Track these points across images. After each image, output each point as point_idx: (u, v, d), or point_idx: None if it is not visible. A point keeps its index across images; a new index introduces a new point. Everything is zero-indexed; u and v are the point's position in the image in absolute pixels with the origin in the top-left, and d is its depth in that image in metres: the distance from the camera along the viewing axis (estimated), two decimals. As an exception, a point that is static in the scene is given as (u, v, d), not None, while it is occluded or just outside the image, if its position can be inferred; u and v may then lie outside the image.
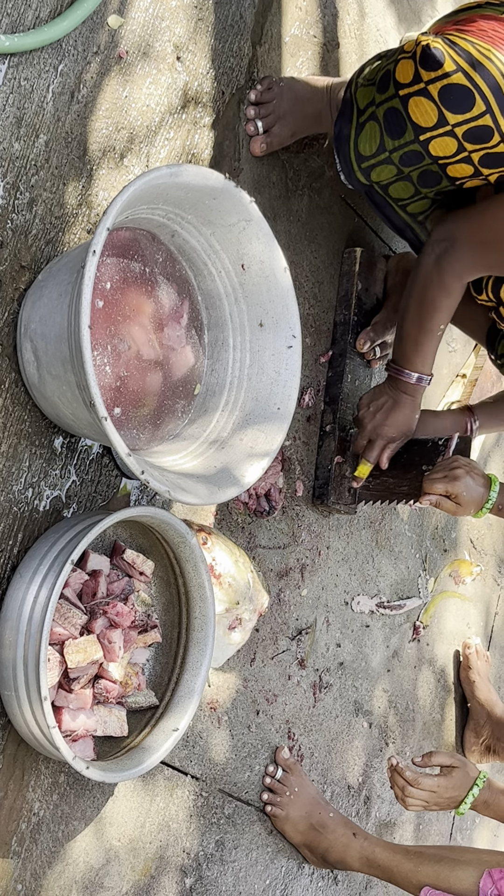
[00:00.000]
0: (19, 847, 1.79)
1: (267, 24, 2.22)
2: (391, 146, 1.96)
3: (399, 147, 1.95)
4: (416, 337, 2.12)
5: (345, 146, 2.05)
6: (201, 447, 1.92)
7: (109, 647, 1.79)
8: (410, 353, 2.14)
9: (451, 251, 2.03)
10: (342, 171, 2.09)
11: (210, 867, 2.14)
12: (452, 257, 2.03)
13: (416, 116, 1.88)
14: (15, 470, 1.78)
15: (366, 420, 2.26)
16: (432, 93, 1.84)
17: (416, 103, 1.87)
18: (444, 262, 2.04)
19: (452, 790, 2.20)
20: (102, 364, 1.78)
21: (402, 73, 1.88)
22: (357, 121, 2.01)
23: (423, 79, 1.85)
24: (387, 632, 2.63)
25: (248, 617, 2.06)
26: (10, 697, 1.70)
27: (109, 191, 1.90)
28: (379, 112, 1.95)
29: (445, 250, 2.04)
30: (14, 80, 1.74)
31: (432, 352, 2.14)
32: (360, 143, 2.01)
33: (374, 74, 1.98)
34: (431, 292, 2.07)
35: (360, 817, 2.55)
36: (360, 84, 2.02)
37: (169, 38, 1.99)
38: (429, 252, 2.06)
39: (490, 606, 3.06)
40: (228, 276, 1.93)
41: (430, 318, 2.09)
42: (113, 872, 1.94)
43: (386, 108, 1.93)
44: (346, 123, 2.03)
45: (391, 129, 1.94)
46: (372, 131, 1.98)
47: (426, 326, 2.10)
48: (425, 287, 2.07)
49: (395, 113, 1.92)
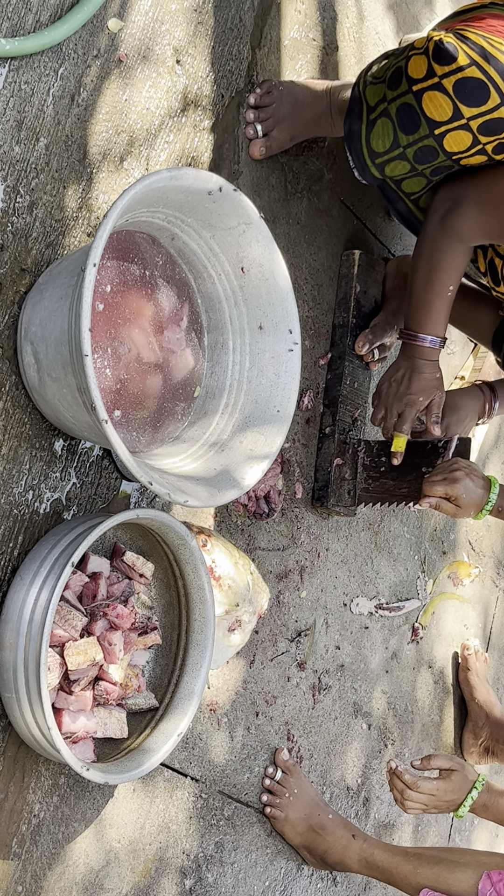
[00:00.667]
0: (20, 849, 1.79)
1: (266, 27, 2.22)
2: (405, 142, 1.96)
3: (413, 143, 1.95)
4: (425, 298, 2.10)
5: (356, 143, 2.04)
6: (201, 449, 1.92)
7: (109, 649, 1.79)
8: (422, 315, 2.11)
9: (455, 210, 2.02)
10: (355, 167, 2.08)
11: (210, 868, 2.15)
12: (457, 216, 2.02)
13: (430, 111, 1.89)
14: (15, 472, 1.78)
15: (389, 395, 2.22)
16: (447, 87, 1.85)
17: (431, 98, 1.87)
18: (448, 220, 2.02)
19: (451, 793, 2.20)
20: (103, 367, 1.78)
21: (414, 68, 1.88)
22: (367, 118, 2.01)
23: (436, 73, 1.85)
24: (386, 633, 2.63)
25: (247, 619, 2.06)
26: (10, 699, 1.70)
27: (109, 194, 1.91)
28: (391, 108, 1.95)
29: (450, 209, 2.02)
30: (14, 84, 1.75)
31: (444, 314, 2.12)
32: (372, 139, 2.01)
33: (383, 72, 1.98)
34: (437, 252, 2.05)
35: (360, 819, 2.55)
36: (369, 82, 2.01)
37: (169, 41, 2.00)
38: (434, 211, 2.05)
39: (489, 608, 3.07)
40: (228, 278, 1.94)
41: (437, 279, 2.07)
42: (113, 874, 1.95)
43: (399, 104, 1.93)
44: (356, 121, 2.03)
45: (404, 124, 1.94)
46: (384, 128, 1.98)
47: (434, 287, 2.07)
48: (431, 246, 2.05)
49: (408, 108, 1.92)
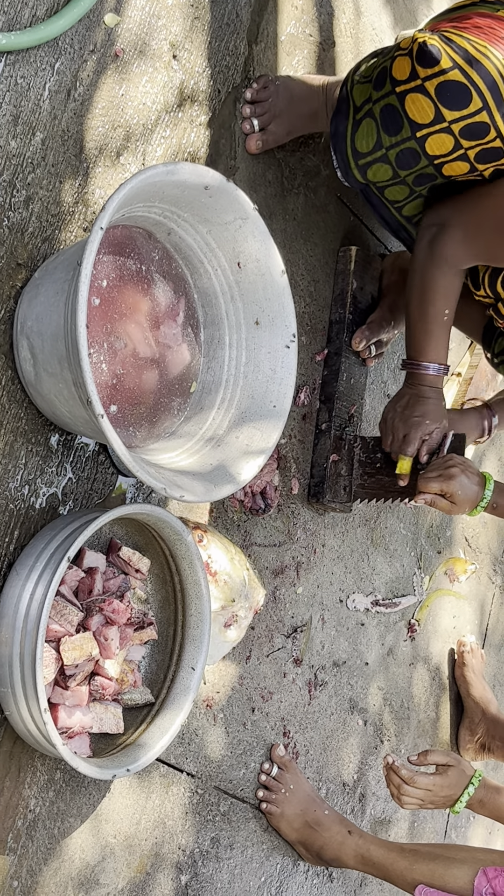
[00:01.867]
0: (15, 844, 1.79)
1: (263, 22, 2.22)
2: (388, 143, 1.96)
3: (395, 144, 1.95)
4: (422, 326, 2.11)
5: (341, 143, 2.05)
6: (197, 445, 1.92)
7: (105, 644, 1.79)
8: (422, 343, 2.13)
9: (441, 234, 2.03)
10: (339, 168, 2.09)
11: (205, 864, 2.15)
12: (443, 241, 2.03)
13: (412, 113, 1.89)
14: (11, 467, 1.78)
15: (396, 420, 2.25)
16: (429, 90, 1.85)
17: (413, 100, 1.87)
18: (436, 244, 2.04)
19: (448, 789, 2.20)
20: (99, 362, 1.78)
21: (398, 69, 1.89)
22: (353, 118, 2.01)
23: (419, 76, 1.85)
24: (382, 630, 2.63)
25: (243, 614, 2.06)
26: (6, 694, 1.70)
27: (106, 189, 1.90)
28: (376, 109, 1.95)
29: (437, 234, 2.04)
30: (11, 78, 1.75)
31: (444, 340, 2.13)
32: (356, 140, 2.02)
33: (370, 72, 1.99)
34: (427, 277, 2.06)
35: (355, 815, 2.55)
36: (356, 81, 2.02)
37: (165, 36, 2.00)
38: (421, 237, 2.07)
39: (485, 604, 3.07)
40: (224, 274, 1.94)
41: (431, 305, 2.08)
42: (109, 869, 1.95)
43: (383, 104, 1.93)
44: (343, 120, 2.03)
45: (388, 125, 1.94)
46: (369, 128, 1.98)
47: (429, 314, 2.09)
48: (421, 272, 2.07)
49: (391, 110, 1.92)
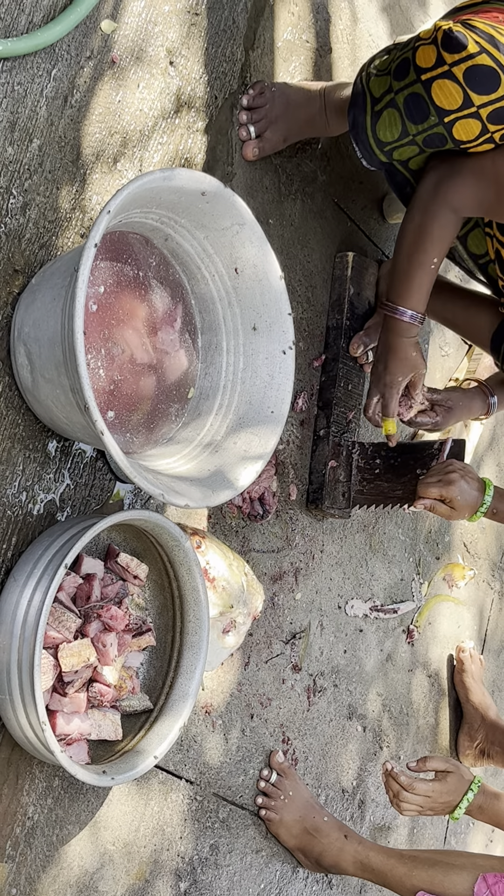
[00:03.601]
0: (14, 851, 1.79)
1: (260, 29, 2.22)
2: (414, 130, 1.95)
3: (422, 131, 1.94)
4: (407, 270, 2.07)
5: (362, 134, 2.03)
6: (195, 450, 1.92)
7: (103, 650, 1.79)
8: (402, 287, 2.09)
9: (452, 177, 2.00)
10: (362, 157, 2.07)
11: (204, 871, 2.14)
12: (452, 184, 2.00)
13: (439, 100, 1.88)
14: (9, 474, 1.78)
15: (373, 377, 2.23)
16: (457, 75, 1.84)
17: (440, 86, 1.87)
18: (443, 186, 2.00)
19: (447, 795, 2.20)
20: (96, 367, 1.78)
21: (423, 58, 1.88)
22: (372, 109, 2.00)
23: (446, 62, 1.85)
24: (380, 635, 2.63)
25: (242, 620, 2.06)
26: (4, 701, 1.70)
27: (103, 195, 1.90)
28: (398, 98, 1.94)
29: (446, 175, 2.00)
30: (7, 85, 1.75)
31: (426, 288, 2.09)
32: (378, 130, 2.00)
33: (387, 64, 1.98)
34: (427, 218, 2.03)
35: (355, 821, 2.55)
36: (372, 74, 2.00)
37: (162, 42, 2.00)
38: (429, 177, 2.03)
39: (483, 610, 3.07)
40: (222, 279, 1.94)
41: (423, 249, 2.04)
42: (107, 876, 1.94)
43: (406, 94, 1.92)
44: (361, 112, 2.02)
45: (413, 114, 1.93)
46: (391, 118, 1.97)
47: (419, 258, 2.05)
48: (420, 213, 2.03)
49: (416, 98, 1.91)
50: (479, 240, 2.19)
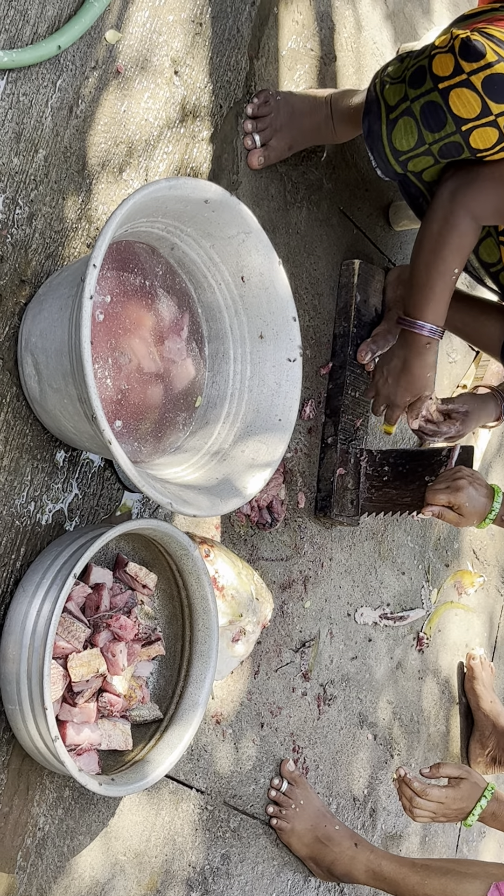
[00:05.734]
0: (25, 862, 1.79)
1: (264, 37, 2.23)
2: (430, 139, 1.95)
3: (438, 140, 1.94)
4: (427, 282, 2.05)
5: (378, 144, 2.02)
6: (203, 459, 1.92)
7: (113, 660, 1.79)
8: (420, 300, 2.06)
9: (470, 185, 1.98)
10: (378, 167, 2.06)
11: (216, 881, 2.13)
12: (470, 190, 1.98)
13: (457, 108, 1.88)
14: (17, 484, 1.78)
15: (379, 386, 2.22)
16: (475, 83, 1.84)
17: (458, 95, 1.87)
18: (460, 195, 1.99)
19: (460, 801, 2.19)
20: (103, 377, 1.78)
21: (440, 66, 1.88)
22: (387, 117, 1.99)
23: (464, 70, 1.85)
24: (390, 643, 2.63)
25: (251, 629, 2.05)
26: (14, 712, 1.69)
27: (109, 204, 1.91)
28: (415, 107, 1.94)
29: (464, 184, 1.99)
30: (13, 96, 1.75)
31: (445, 300, 2.07)
32: (394, 138, 1.99)
33: (401, 72, 1.97)
34: (444, 229, 2.01)
35: (366, 830, 2.54)
36: (386, 82, 2.00)
37: (166, 52, 2.00)
38: (445, 186, 2.01)
39: (493, 617, 3.06)
40: (228, 288, 1.94)
41: (441, 259, 2.02)
42: (119, 887, 1.94)
43: (423, 102, 1.92)
44: (376, 121, 2.01)
45: (429, 122, 1.93)
46: (407, 126, 1.97)
47: (438, 268, 2.03)
48: (438, 223, 2.01)
49: (433, 106, 1.91)
50: (491, 248, 2.19)
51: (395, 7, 2.66)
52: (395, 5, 2.65)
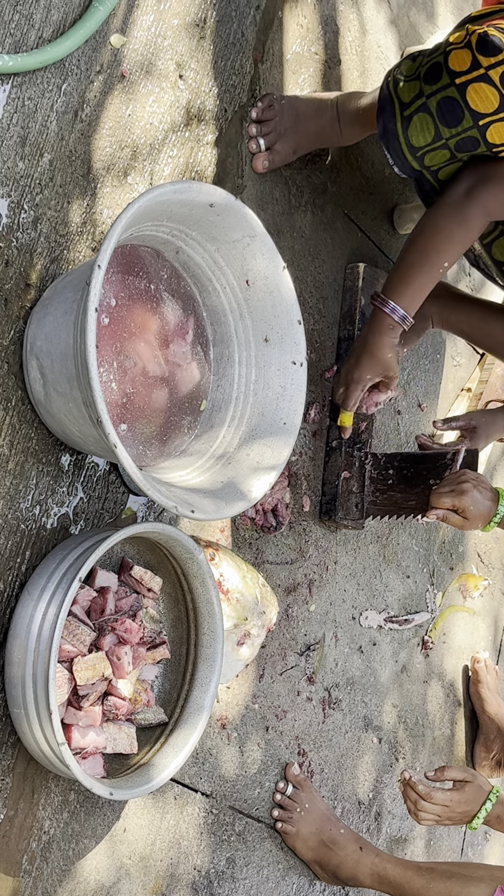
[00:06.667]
0: (30, 866, 1.79)
1: (268, 41, 2.23)
2: (447, 134, 1.95)
3: (455, 135, 1.94)
4: (412, 267, 2.04)
5: (394, 142, 2.03)
6: (208, 462, 1.92)
7: (118, 663, 1.79)
8: (401, 285, 2.06)
9: (487, 181, 1.98)
10: (394, 164, 2.06)
11: (221, 884, 2.13)
12: (486, 187, 1.98)
13: (474, 103, 1.88)
14: (22, 488, 1.78)
15: (343, 366, 2.23)
16: (493, 78, 1.85)
17: (476, 90, 1.87)
18: (476, 190, 1.99)
19: (465, 804, 2.19)
20: (108, 381, 1.78)
21: (456, 62, 1.88)
22: (402, 114, 1.99)
23: (482, 65, 1.85)
24: (395, 647, 2.63)
25: (256, 632, 2.05)
26: (19, 715, 1.70)
27: (113, 208, 1.91)
28: (431, 103, 1.94)
29: (481, 180, 1.99)
30: (18, 100, 1.75)
31: (424, 292, 2.06)
32: (410, 135, 2.00)
33: (415, 70, 1.98)
34: (451, 221, 2.01)
35: (371, 833, 2.54)
36: (400, 80, 2.00)
37: (171, 56, 2.00)
38: (461, 181, 2.01)
39: (498, 620, 3.06)
40: (233, 291, 1.94)
41: (438, 249, 2.02)
42: (124, 890, 1.94)
43: (439, 97, 1.92)
44: (390, 119, 2.02)
45: (446, 118, 1.93)
46: (423, 122, 1.97)
47: (431, 259, 2.02)
48: (446, 215, 2.01)
49: (450, 102, 1.91)
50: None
51: (399, 11, 2.66)
52: (398, 9, 2.65)
